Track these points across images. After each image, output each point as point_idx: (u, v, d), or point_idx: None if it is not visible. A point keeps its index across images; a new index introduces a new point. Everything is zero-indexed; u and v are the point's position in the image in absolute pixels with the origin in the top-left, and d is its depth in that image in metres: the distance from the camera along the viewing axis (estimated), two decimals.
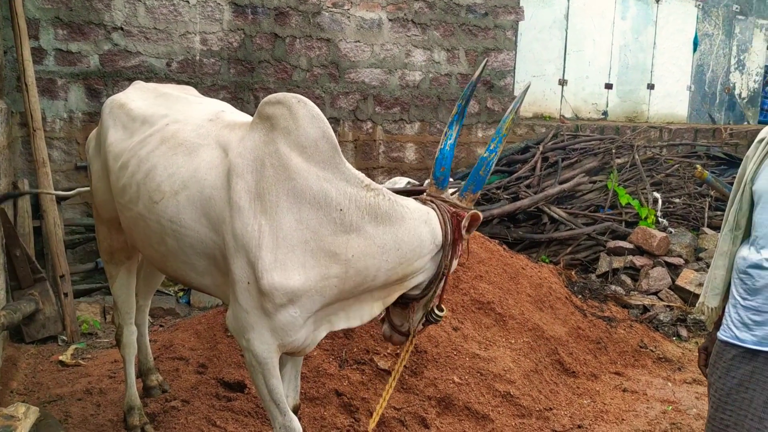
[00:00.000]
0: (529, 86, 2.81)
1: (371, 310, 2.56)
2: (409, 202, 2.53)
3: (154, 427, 3.48)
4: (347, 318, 2.56)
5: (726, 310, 2.39)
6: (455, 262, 2.63)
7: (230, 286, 2.48)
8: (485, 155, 2.55)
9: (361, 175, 2.48)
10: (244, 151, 2.49)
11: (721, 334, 2.36)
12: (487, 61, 3.71)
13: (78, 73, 5.81)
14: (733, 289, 2.36)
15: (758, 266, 2.25)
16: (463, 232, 2.50)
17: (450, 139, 2.61)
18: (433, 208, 2.53)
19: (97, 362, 4.50)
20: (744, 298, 2.29)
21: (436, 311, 2.66)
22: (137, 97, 3.19)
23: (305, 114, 2.44)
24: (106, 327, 5.24)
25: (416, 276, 2.52)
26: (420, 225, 2.45)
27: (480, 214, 2.52)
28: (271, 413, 2.60)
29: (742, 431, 2.26)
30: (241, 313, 2.44)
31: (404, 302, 2.62)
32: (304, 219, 2.36)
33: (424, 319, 2.68)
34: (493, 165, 2.56)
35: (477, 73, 2.63)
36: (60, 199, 5.39)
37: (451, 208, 2.54)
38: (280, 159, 2.40)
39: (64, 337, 4.95)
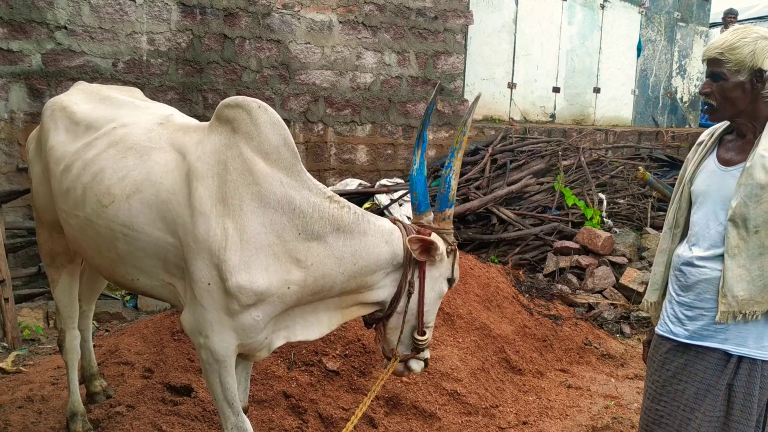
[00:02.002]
0: (479, 97, 2.80)
1: (330, 322, 2.59)
2: (377, 219, 2.55)
3: None
4: (304, 327, 2.56)
5: (663, 305, 2.49)
6: (440, 285, 2.59)
7: (188, 286, 2.47)
8: (443, 172, 2.59)
9: (323, 186, 2.51)
10: (203, 154, 2.47)
11: (658, 329, 2.46)
12: (440, 84, 3.70)
13: (19, 73, 5.67)
14: (669, 285, 2.47)
15: (690, 263, 2.34)
16: (414, 255, 2.47)
17: (415, 164, 2.64)
18: (399, 228, 2.55)
19: (40, 369, 4.39)
20: (678, 294, 2.39)
21: (416, 336, 2.61)
22: (80, 99, 3.10)
23: (266, 120, 2.44)
24: (49, 332, 5.12)
25: (373, 291, 2.54)
26: (380, 243, 2.48)
27: (430, 239, 2.47)
28: (223, 413, 2.58)
29: (674, 421, 2.35)
30: (200, 312, 2.43)
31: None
32: (269, 223, 2.37)
33: (411, 345, 2.65)
34: (454, 179, 2.56)
35: (432, 97, 2.66)
36: (1, 202, 5.25)
37: (417, 228, 2.55)
38: (243, 163, 2.40)
39: (5, 344, 4.82)
